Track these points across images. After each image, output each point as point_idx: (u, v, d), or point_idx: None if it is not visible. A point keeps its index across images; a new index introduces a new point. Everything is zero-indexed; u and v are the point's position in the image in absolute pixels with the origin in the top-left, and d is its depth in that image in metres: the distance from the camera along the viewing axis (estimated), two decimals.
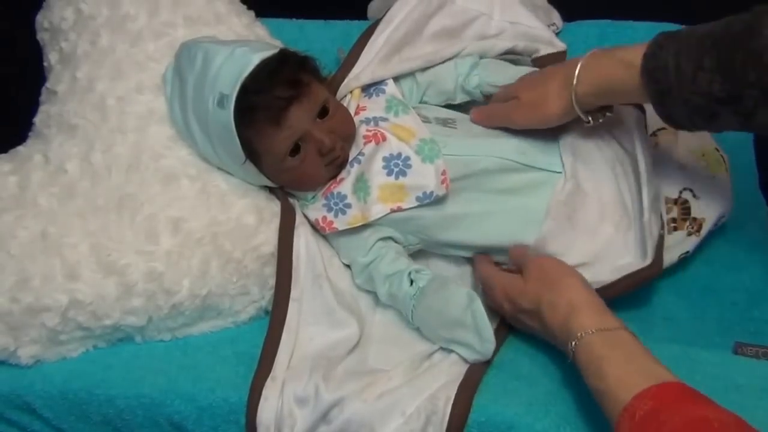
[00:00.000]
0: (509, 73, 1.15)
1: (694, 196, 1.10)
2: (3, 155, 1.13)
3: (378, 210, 1.05)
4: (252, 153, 1.05)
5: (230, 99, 1.00)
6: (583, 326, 0.89)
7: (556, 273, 0.97)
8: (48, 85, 1.18)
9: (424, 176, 1.05)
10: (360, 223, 1.06)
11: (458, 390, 0.94)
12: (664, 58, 0.90)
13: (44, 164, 1.09)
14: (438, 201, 1.05)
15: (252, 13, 1.29)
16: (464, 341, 0.98)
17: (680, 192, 1.10)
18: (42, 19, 1.22)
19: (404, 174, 1.05)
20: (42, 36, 1.23)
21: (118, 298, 1.02)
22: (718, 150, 1.13)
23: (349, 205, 1.07)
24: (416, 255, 1.13)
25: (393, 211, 1.05)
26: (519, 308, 0.99)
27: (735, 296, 1.09)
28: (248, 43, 1.08)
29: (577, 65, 0.99)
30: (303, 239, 1.10)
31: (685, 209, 1.09)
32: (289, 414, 0.96)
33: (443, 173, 1.04)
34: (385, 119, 1.10)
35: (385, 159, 1.06)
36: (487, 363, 0.99)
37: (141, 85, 1.12)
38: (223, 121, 1.02)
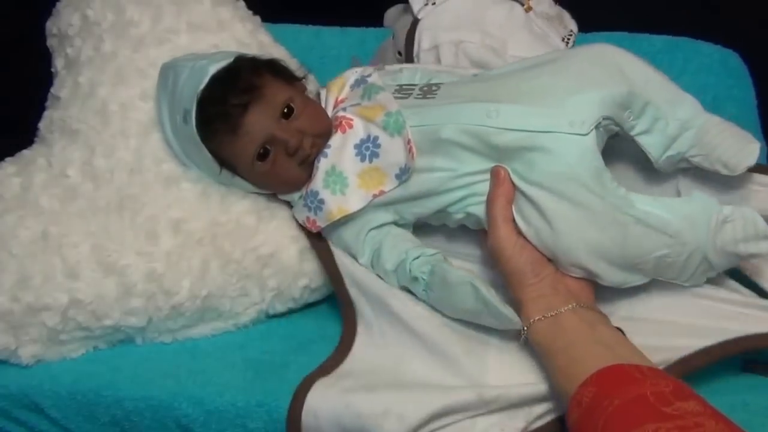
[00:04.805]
0: None
1: None
2: (9, 158, 1.14)
3: (359, 198, 1.03)
4: (224, 163, 1.05)
5: (191, 113, 1.01)
6: (528, 316, 0.93)
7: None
8: (52, 90, 1.19)
9: (396, 152, 1.01)
10: (338, 217, 1.04)
11: None
12: None
13: (47, 168, 1.10)
14: (421, 174, 1.01)
15: (258, 19, 1.28)
16: (489, 325, 0.97)
17: None
18: (51, 26, 1.23)
19: (376, 155, 1.02)
20: (51, 42, 1.23)
21: (118, 298, 1.03)
22: None
23: (322, 201, 1.04)
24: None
25: (375, 196, 1.03)
26: None
27: None
28: (211, 55, 1.07)
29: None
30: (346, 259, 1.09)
31: None
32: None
33: (409, 143, 0.99)
34: (356, 104, 1.07)
35: (356, 146, 1.03)
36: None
37: (144, 92, 1.12)
38: (190, 136, 1.03)
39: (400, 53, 1.38)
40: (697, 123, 0.97)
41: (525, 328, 0.93)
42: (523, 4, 1.29)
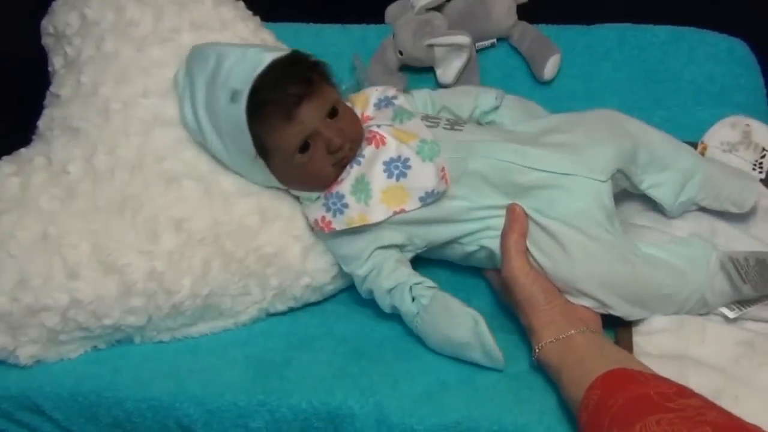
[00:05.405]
0: (531, 114, 1.17)
1: None
2: (7, 157, 1.13)
3: (380, 212, 1.05)
4: (262, 149, 1.05)
5: (242, 94, 1.01)
6: (539, 339, 0.97)
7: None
8: (52, 89, 1.18)
9: (425, 176, 1.04)
10: (357, 224, 1.05)
11: None
12: None
13: (47, 166, 1.09)
14: (441, 201, 1.05)
15: (257, 19, 1.28)
16: (472, 359, 1.00)
17: None
18: (47, 24, 1.22)
19: (404, 175, 1.05)
20: (46, 41, 1.23)
21: (118, 297, 1.02)
22: None
23: (346, 205, 1.06)
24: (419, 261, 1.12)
25: (396, 213, 1.05)
26: None
27: None
28: (260, 45, 1.09)
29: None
30: None
31: None
32: None
33: (443, 170, 1.04)
34: (389, 125, 1.10)
35: (385, 163, 1.06)
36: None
37: (147, 90, 1.12)
38: (234, 117, 1.03)
39: (401, 52, 1.38)
40: (699, 170, 1.07)
41: (537, 350, 0.97)
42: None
